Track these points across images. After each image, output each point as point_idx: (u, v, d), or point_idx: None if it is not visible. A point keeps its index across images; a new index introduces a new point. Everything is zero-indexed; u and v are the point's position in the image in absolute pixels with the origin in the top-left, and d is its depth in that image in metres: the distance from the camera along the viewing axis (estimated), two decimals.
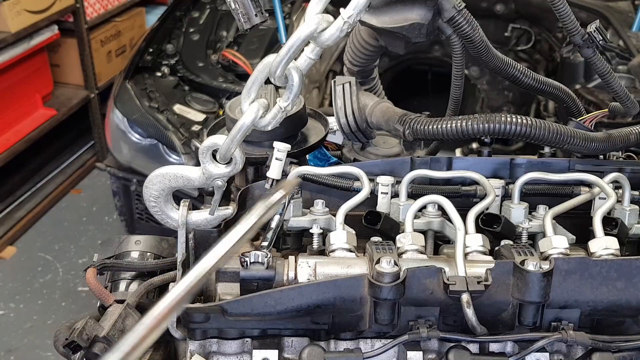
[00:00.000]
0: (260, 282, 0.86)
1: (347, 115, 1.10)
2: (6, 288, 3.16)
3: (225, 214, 0.94)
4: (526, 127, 0.94)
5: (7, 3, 3.20)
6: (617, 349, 0.81)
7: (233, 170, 0.90)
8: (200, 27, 3.06)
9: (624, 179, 0.96)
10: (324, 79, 2.94)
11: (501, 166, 1.01)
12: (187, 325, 0.86)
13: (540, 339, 0.80)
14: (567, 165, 1.00)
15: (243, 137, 0.86)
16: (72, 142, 4.13)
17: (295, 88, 0.84)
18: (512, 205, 0.95)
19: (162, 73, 2.84)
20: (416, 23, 0.99)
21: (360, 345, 0.84)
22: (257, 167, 1.05)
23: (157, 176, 0.91)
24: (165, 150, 2.57)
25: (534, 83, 1.06)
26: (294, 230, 0.93)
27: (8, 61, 3.34)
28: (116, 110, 2.67)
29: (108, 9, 3.99)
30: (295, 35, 0.80)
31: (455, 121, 0.96)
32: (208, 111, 2.68)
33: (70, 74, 3.92)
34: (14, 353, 2.84)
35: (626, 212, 0.94)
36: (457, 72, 1.06)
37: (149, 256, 1.04)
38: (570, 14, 0.99)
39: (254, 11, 0.85)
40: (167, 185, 0.91)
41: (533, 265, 0.80)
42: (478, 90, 3.19)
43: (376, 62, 1.23)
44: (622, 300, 0.82)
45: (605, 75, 1.03)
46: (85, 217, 3.65)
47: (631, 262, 0.81)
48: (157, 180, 0.91)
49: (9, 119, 3.48)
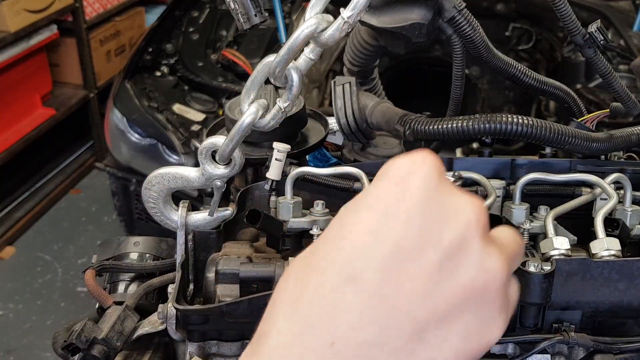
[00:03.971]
0: (260, 283, 0.86)
1: (347, 116, 1.09)
2: (5, 288, 3.16)
3: (224, 215, 0.93)
4: (527, 127, 0.93)
5: (6, 2, 3.20)
6: (618, 350, 0.81)
7: (232, 171, 0.89)
8: (200, 27, 3.06)
9: (626, 180, 0.95)
10: (324, 79, 2.93)
11: (502, 166, 1.01)
12: (186, 326, 0.86)
13: (541, 341, 0.80)
14: (568, 165, 1.00)
15: (242, 137, 0.85)
16: (71, 142, 4.13)
17: (295, 88, 0.83)
18: (513, 206, 0.95)
19: (161, 73, 2.84)
20: (416, 23, 0.99)
21: None
22: (256, 168, 1.04)
23: (155, 177, 0.91)
24: (164, 150, 2.57)
25: (535, 83, 1.06)
26: (293, 232, 0.93)
27: (7, 61, 3.34)
28: (115, 110, 2.67)
29: (107, 9, 3.98)
30: (295, 35, 0.79)
31: (455, 121, 0.96)
32: (208, 111, 2.68)
33: (69, 74, 3.92)
34: (13, 353, 2.84)
35: (628, 213, 0.94)
36: (458, 72, 1.05)
37: (148, 257, 1.04)
38: (571, 13, 0.99)
39: (254, 11, 0.85)
40: (166, 186, 0.91)
41: (534, 266, 0.79)
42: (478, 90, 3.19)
43: (376, 62, 1.22)
44: (623, 302, 0.82)
45: (606, 76, 1.02)
46: (84, 217, 3.65)
47: (633, 263, 0.81)
48: (156, 181, 0.91)
49: (7, 119, 3.47)
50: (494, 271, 0.45)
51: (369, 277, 0.44)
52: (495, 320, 0.46)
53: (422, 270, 0.44)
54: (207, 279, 0.90)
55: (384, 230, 0.44)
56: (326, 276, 0.45)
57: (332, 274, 0.45)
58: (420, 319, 0.43)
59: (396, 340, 0.43)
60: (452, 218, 0.45)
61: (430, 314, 0.44)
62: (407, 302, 0.44)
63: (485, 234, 0.46)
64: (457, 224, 0.45)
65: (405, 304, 0.43)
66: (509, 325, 0.82)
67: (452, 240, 0.45)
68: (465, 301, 0.44)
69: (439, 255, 0.44)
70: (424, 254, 0.44)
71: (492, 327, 0.46)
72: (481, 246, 0.45)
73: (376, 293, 0.43)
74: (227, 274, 0.88)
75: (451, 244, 0.44)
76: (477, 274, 0.45)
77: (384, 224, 0.45)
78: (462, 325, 0.44)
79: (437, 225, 0.45)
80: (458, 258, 0.45)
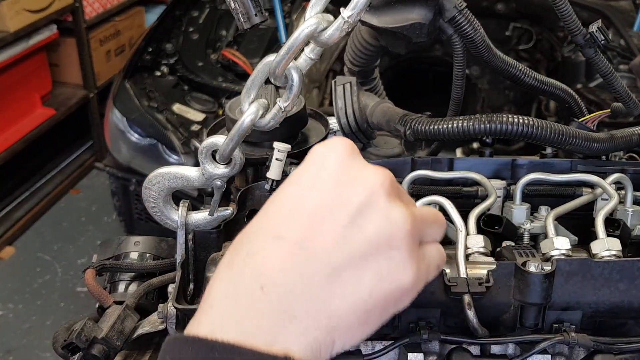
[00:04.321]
0: None
1: (348, 116, 1.09)
2: (5, 288, 3.15)
3: (225, 215, 0.93)
4: (528, 127, 0.93)
5: (6, 2, 3.19)
6: (619, 350, 0.81)
7: (233, 170, 0.89)
8: (200, 27, 3.06)
9: (627, 180, 0.95)
10: (324, 78, 2.93)
11: (503, 167, 1.01)
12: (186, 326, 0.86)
13: (542, 341, 0.80)
14: (569, 165, 1.00)
15: (243, 137, 0.85)
16: (71, 142, 4.13)
17: (295, 88, 0.83)
18: (513, 206, 0.95)
19: (161, 72, 2.84)
20: (417, 23, 0.99)
21: (360, 347, 0.83)
22: (257, 168, 1.04)
23: (156, 176, 0.91)
24: (164, 150, 2.57)
25: (535, 83, 1.06)
26: None
27: (7, 60, 3.33)
28: (115, 109, 2.66)
29: (107, 8, 3.98)
30: (295, 34, 0.79)
31: (456, 121, 0.96)
32: (207, 111, 2.67)
33: (69, 74, 3.92)
34: (12, 353, 2.84)
35: (629, 213, 0.94)
36: (458, 72, 1.05)
37: (149, 257, 1.04)
38: (572, 13, 0.99)
39: (254, 10, 0.84)
40: (166, 185, 0.90)
41: (535, 266, 0.79)
42: (479, 90, 3.19)
43: (377, 62, 1.22)
44: (624, 302, 0.81)
45: (607, 75, 1.02)
46: (84, 218, 3.65)
47: (633, 264, 0.80)
48: (156, 180, 0.90)
49: (7, 119, 3.47)
50: (398, 222, 0.54)
51: (291, 234, 0.53)
52: (405, 265, 0.55)
53: (336, 226, 0.53)
54: (207, 278, 0.90)
55: (304, 198, 0.55)
56: (257, 239, 0.54)
57: (261, 236, 0.54)
58: (335, 264, 0.52)
59: (315, 280, 0.52)
60: (360, 184, 0.55)
61: (344, 259, 0.53)
62: (324, 250, 0.53)
63: (390, 195, 0.55)
64: (364, 188, 0.55)
65: (322, 252, 0.53)
66: (509, 325, 0.82)
67: (360, 201, 0.54)
68: (375, 247, 0.53)
69: (350, 213, 0.54)
70: (338, 214, 0.54)
71: (402, 271, 0.55)
72: (386, 203, 0.55)
73: (297, 245, 0.53)
74: None
75: (360, 204, 0.54)
76: (382, 223, 0.54)
77: (305, 193, 0.55)
78: (374, 268, 0.53)
79: (348, 191, 0.55)
80: (366, 214, 0.54)
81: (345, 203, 0.54)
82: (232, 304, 0.52)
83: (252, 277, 0.52)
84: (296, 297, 0.51)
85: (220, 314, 0.53)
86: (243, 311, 0.52)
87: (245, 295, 0.52)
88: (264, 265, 0.52)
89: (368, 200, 0.54)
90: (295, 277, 0.52)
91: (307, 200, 0.54)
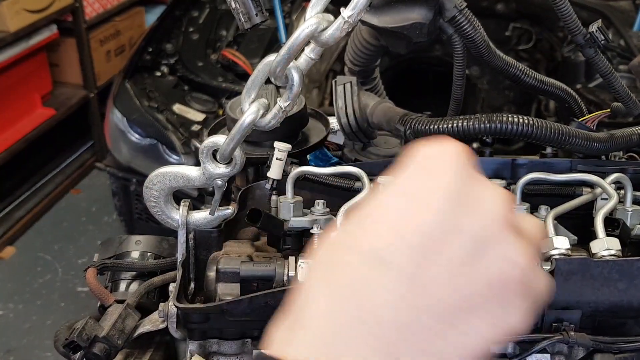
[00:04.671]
0: (260, 282, 0.86)
1: (348, 116, 1.10)
2: (5, 288, 3.15)
3: (225, 214, 0.94)
4: (529, 127, 0.94)
5: (6, 2, 3.19)
6: (618, 350, 0.81)
7: (233, 170, 0.89)
8: (200, 27, 3.06)
9: (626, 180, 0.95)
10: (324, 78, 2.93)
11: (503, 166, 1.01)
12: (186, 325, 0.86)
13: (541, 340, 0.80)
14: (569, 165, 1.00)
15: (243, 137, 0.85)
16: (71, 142, 4.12)
17: (295, 88, 0.83)
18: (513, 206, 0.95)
19: (161, 73, 2.84)
20: (417, 23, 0.99)
21: None
22: (257, 167, 1.05)
23: (157, 176, 0.91)
24: (164, 150, 2.57)
25: (535, 83, 1.06)
26: (294, 231, 0.93)
27: (7, 60, 3.33)
28: (115, 110, 2.66)
29: (107, 9, 3.98)
30: (295, 34, 0.79)
31: (456, 121, 0.96)
32: (208, 111, 2.67)
33: (69, 74, 3.92)
34: (13, 353, 2.84)
35: (628, 213, 0.94)
36: (459, 71, 1.05)
37: (150, 256, 1.04)
38: (572, 13, 0.99)
39: (255, 10, 0.85)
40: (167, 185, 0.91)
41: None
42: (478, 90, 3.19)
43: (377, 62, 1.22)
44: (623, 302, 0.82)
45: (607, 75, 1.02)
46: (84, 217, 3.64)
47: (633, 263, 0.81)
48: (157, 180, 0.91)
49: (7, 119, 3.47)
50: (518, 263, 0.46)
51: (402, 263, 0.45)
52: (518, 308, 0.47)
53: (448, 259, 0.45)
54: (208, 277, 0.91)
55: (415, 217, 0.45)
56: (357, 257, 0.46)
57: (362, 255, 0.46)
58: (447, 304, 0.45)
59: (423, 320, 0.44)
60: (478, 209, 0.46)
61: (458, 300, 0.45)
62: (437, 287, 0.45)
63: (510, 226, 0.47)
64: (484, 216, 0.46)
65: (434, 289, 0.45)
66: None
67: (478, 232, 0.46)
68: (492, 291, 0.46)
69: (465, 246, 0.45)
70: (451, 244, 0.45)
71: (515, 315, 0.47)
72: (506, 238, 0.46)
73: (406, 276, 0.45)
74: (228, 272, 0.88)
75: (477, 235, 0.45)
76: (501, 265, 0.46)
77: (416, 211, 0.46)
78: (488, 312, 0.46)
79: (464, 216, 0.46)
80: (483, 249, 0.45)
81: (460, 232, 0.45)
82: (331, 333, 0.45)
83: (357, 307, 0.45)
84: (405, 338, 0.44)
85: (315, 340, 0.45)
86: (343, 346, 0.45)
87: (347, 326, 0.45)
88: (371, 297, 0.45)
89: (487, 231, 0.46)
90: (405, 315, 0.44)
91: (421, 221, 0.45)
